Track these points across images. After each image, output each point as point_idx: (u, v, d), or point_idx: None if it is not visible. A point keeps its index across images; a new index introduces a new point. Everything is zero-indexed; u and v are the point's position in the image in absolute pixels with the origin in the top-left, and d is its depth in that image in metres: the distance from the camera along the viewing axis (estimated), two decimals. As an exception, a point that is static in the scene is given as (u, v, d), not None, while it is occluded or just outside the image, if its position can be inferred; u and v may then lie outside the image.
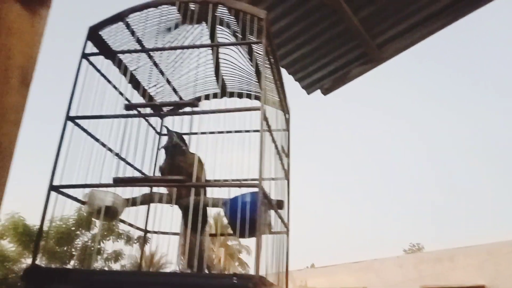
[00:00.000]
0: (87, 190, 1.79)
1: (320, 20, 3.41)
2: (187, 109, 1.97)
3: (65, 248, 14.42)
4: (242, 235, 1.48)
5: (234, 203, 1.54)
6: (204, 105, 2.39)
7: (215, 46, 2.00)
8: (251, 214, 1.48)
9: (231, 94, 2.60)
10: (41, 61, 1.39)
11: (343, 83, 4.29)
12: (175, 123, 1.83)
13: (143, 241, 2.34)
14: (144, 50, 1.98)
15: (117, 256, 15.03)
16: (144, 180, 1.54)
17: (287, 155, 2.17)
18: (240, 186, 1.50)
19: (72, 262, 14.71)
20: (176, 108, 1.65)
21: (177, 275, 1.43)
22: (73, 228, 14.42)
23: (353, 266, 16.95)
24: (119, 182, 1.51)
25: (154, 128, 2.38)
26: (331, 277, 16.68)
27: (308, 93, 4.40)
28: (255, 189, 1.43)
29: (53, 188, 1.65)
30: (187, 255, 1.87)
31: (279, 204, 1.72)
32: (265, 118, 1.49)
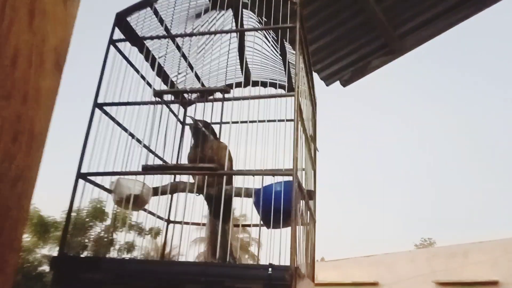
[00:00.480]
0: (114, 178, 1.77)
1: (340, 10, 3.33)
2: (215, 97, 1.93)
3: (79, 239, 14.61)
4: (275, 225, 1.44)
5: (266, 192, 1.50)
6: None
7: (244, 31, 1.95)
8: (284, 204, 1.43)
9: (255, 83, 2.55)
10: (72, 45, 1.37)
11: (362, 74, 4.21)
12: (202, 111, 1.80)
13: (165, 231, 2.32)
14: (170, 36, 1.94)
15: (129, 247, 15.18)
16: (174, 168, 1.51)
17: (315, 145, 2.12)
18: (274, 174, 1.45)
19: (85, 253, 14.91)
20: (205, 95, 1.62)
21: (211, 265, 1.40)
22: (87, 219, 14.59)
23: (364, 260, 16.85)
24: (149, 169, 1.48)
25: (177, 117, 2.35)
26: (341, 271, 16.60)
27: (327, 85, 4.32)
28: (289, 178, 1.39)
29: (81, 175, 1.63)
30: (213, 246, 1.84)
31: (310, 195, 1.68)
32: (299, 107, 1.44)
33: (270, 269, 1.22)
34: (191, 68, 2.31)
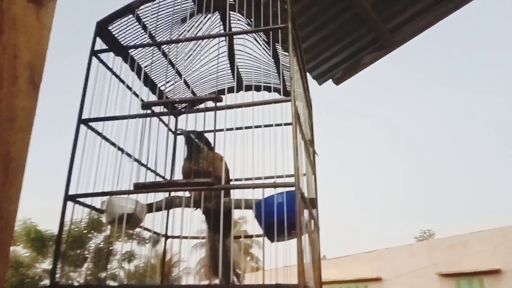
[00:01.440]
0: (105, 197, 1.67)
1: (329, 7, 3.27)
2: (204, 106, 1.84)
3: (78, 251, 14.47)
4: (279, 238, 1.35)
5: (268, 204, 1.41)
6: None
7: (233, 34, 1.85)
8: (287, 216, 1.34)
9: (248, 88, 2.45)
10: (48, 59, 1.26)
11: (355, 71, 4.14)
12: (194, 121, 1.70)
13: (164, 247, 2.22)
14: (156, 43, 1.84)
15: (130, 256, 15.04)
16: (168, 185, 1.41)
17: (314, 149, 2.03)
18: (275, 186, 1.37)
19: (85, 265, 14.77)
20: (194, 104, 1.53)
21: (212, 288, 1.31)
22: (85, 231, 14.46)
23: (365, 256, 16.86)
24: (141, 188, 1.38)
25: (169, 128, 2.25)
26: (343, 268, 16.58)
27: (320, 84, 4.25)
28: (291, 189, 1.30)
29: (69, 197, 1.53)
30: (214, 263, 1.75)
31: (313, 203, 1.59)
32: (296, 112, 1.36)
33: (277, 289, 1.13)
34: (180, 75, 2.21)
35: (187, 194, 1.81)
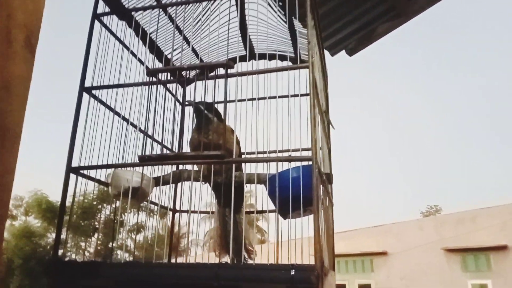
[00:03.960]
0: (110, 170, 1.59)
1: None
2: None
3: (87, 222, 14.69)
4: (294, 215, 1.27)
5: (282, 179, 1.31)
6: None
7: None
8: (303, 191, 1.26)
9: (260, 57, 2.32)
10: (46, 20, 1.15)
11: (369, 42, 3.96)
12: (203, 90, 1.59)
13: (172, 220, 2.17)
14: (162, 5, 1.71)
15: (139, 228, 15.26)
16: (176, 157, 1.32)
17: (329, 121, 1.92)
18: (290, 160, 1.27)
19: (96, 235, 15.04)
20: (206, 71, 1.42)
21: (225, 267, 1.24)
22: (95, 203, 14.63)
23: (373, 230, 16.92)
24: (147, 160, 1.30)
25: (176, 98, 2.15)
26: (351, 242, 16.69)
27: (332, 55, 4.08)
28: (307, 163, 1.20)
29: (71, 170, 1.45)
30: (224, 241, 1.68)
31: (329, 178, 1.50)
32: (314, 81, 1.24)
33: (292, 270, 1.06)
34: (188, 42, 2.09)
35: (195, 167, 1.73)
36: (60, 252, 1.43)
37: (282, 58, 2.07)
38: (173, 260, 2.29)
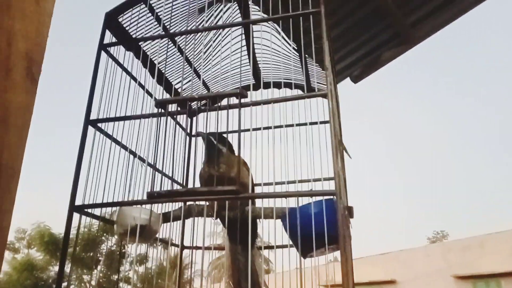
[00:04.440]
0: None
1: (346, 1, 3.08)
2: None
3: (91, 254, 14.46)
4: (318, 254, 1.17)
5: (303, 215, 1.21)
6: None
7: (259, 21, 1.65)
8: (327, 229, 1.16)
9: (266, 86, 2.27)
10: (50, 50, 1.09)
11: (374, 68, 3.93)
12: (214, 121, 1.51)
13: (180, 258, 2.05)
14: (169, 34, 1.66)
15: (142, 259, 14.98)
16: (187, 193, 1.24)
17: (345, 149, 1.84)
18: (311, 195, 1.18)
19: (98, 267, 14.77)
20: (215, 102, 1.36)
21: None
22: (97, 234, 14.44)
23: (380, 258, 16.56)
24: (156, 197, 1.21)
25: (184, 129, 2.07)
26: (358, 270, 16.17)
27: (336, 82, 4.04)
28: (329, 197, 1.11)
29: (75, 208, 1.36)
30: (236, 279, 1.56)
31: (350, 212, 1.40)
32: (336, 108, 1.17)
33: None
34: (198, 75, 2.03)
35: (206, 202, 1.63)
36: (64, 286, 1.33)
37: (295, 86, 2.02)
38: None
